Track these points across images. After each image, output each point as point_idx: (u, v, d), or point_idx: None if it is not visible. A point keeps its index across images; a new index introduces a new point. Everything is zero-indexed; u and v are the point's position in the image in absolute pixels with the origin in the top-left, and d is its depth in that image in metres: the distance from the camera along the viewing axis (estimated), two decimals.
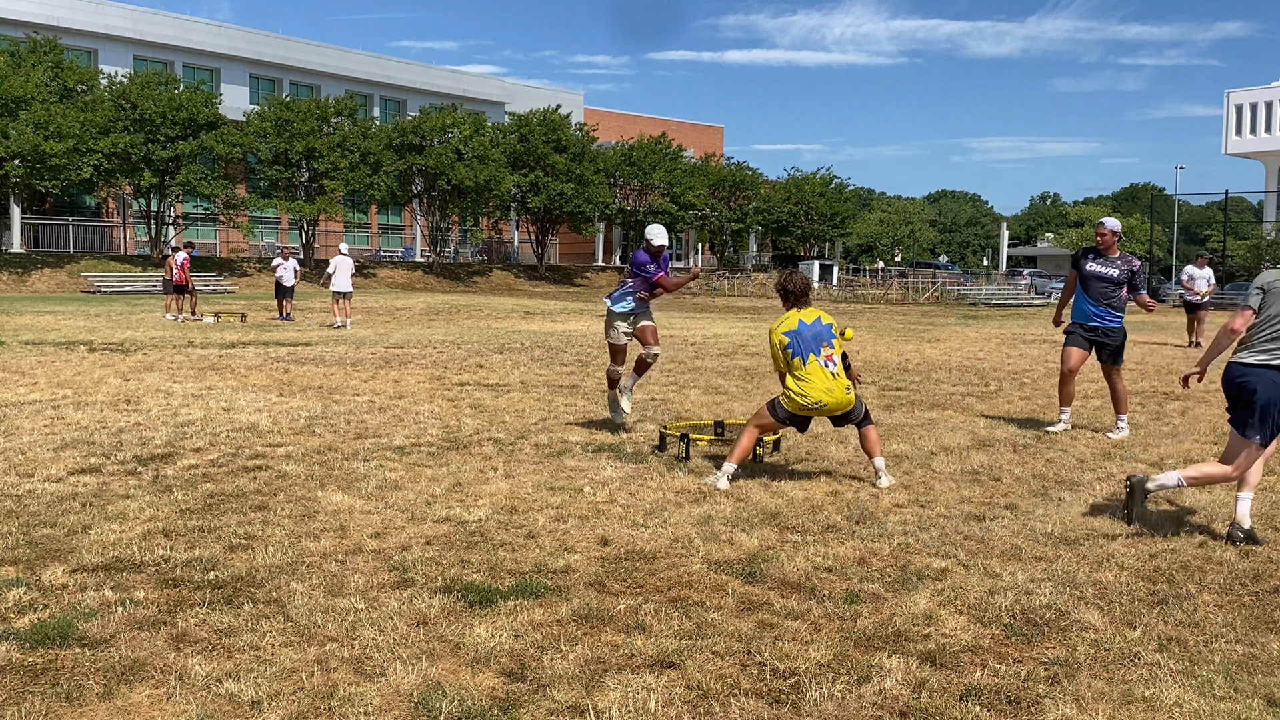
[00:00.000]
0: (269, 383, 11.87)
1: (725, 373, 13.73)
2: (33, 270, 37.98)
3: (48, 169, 37.44)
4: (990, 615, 4.47)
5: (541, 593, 4.67)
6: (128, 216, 46.79)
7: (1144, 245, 67.12)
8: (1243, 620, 4.47)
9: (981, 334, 23.12)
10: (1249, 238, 59.41)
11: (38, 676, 3.72)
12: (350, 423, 9.14)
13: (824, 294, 49.94)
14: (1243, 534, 5.58)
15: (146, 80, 41.61)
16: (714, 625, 4.31)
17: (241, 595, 4.58)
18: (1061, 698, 3.66)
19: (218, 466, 7.23)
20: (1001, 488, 6.96)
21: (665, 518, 6.00)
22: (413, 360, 14.66)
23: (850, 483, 7.02)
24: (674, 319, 27.40)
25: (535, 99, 60.77)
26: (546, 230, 53.65)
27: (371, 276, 46.19)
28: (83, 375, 12.25)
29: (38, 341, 16.68)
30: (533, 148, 50.34)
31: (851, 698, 3.65)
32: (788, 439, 8.58)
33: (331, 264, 22.49)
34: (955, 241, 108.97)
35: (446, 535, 5.58)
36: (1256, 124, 63.84)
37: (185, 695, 3.59)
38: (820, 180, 65.52)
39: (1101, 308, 9.23)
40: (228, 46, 54.81)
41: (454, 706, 3.52)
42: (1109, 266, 9.20)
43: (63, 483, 6.65)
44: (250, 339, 18.06)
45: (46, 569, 4.89)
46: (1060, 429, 9.29)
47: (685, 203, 56.19)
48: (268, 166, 44.86)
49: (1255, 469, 5.73)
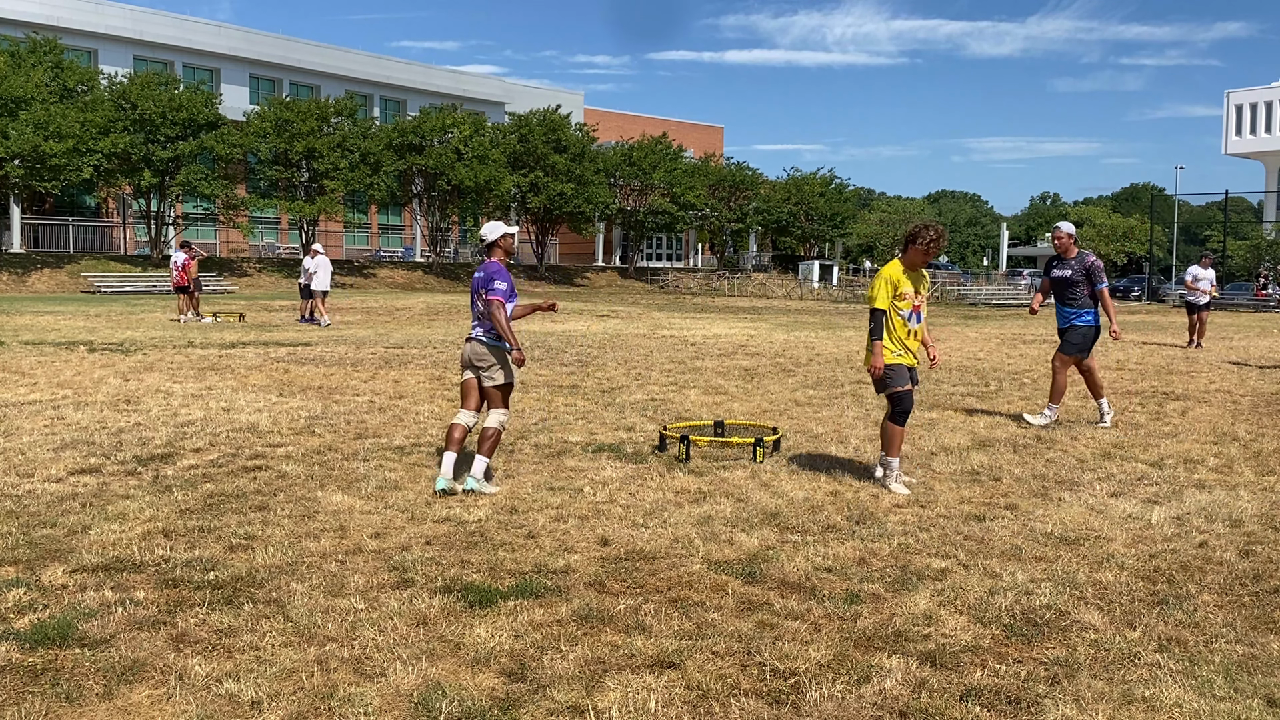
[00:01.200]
0: (269, 383, 11.86)
1: (725, 373, 13.73)
2: (33, 270, 37.97)
3: (48, 169, 37.42)
4: (990, 615, 4.47)
5: (541, 593, 4.67)
6: (128, 217, 46.79)
7: (1144, 245, 67.11)
8: (1243, 620, 4.47)
9: (981, 334, 23.12)
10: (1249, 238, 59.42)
11: (38, 676, 3.72)
12: (350, 423, 9.14)
13: (824, 294, 49.94)
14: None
15: (146, 80, 41.59)
16: (714, 625, 4.31)
17: (241, 595, 4.58)
18: (1061, 698, 3.66)
19: (218, 466, 7.23)
20: (1001, 488, 6.96)
21: (665, 518, 6.00)
22: (413, 360, 14.66)
23: (850, 483, 7.02)
24: (674, 319, 27.40)
25: (535, 99, 60.78)
26: (546, 230, 53.65)
27: (371, 276, 46.20)
28: (83, 375, 12.25)
29: (38, 341, 16.68)
30: (533, 148, 50.34)
31: (851, 698, 3.65)
32: (787, 438, 8.58)
33: (312, 264, 22.77)
34: (955, 241, 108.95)
35: (446, 535, 5.58)
36: (1256, 124, 63.87)
37: (185, 695, 3.59)
38: (820, 180, 65.55)
39: (1069, 308, 9.73)
40: (227, 46, 54.79)
41: (454, 706, 3.52)
42: (1065, 268, 9.68)
43: (63, 483, 6.65)
44: (250, 339, 18.06)
45: (46, 569, 4.89)
46: (1041, 422, 9.52)
47: (685, 203, 56.19)
48: (268, 166, 44.85)
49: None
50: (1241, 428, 9.62)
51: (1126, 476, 7.43)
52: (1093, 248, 70.53)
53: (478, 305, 6.54)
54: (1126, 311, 37.90)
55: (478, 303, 6.53)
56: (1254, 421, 10.07)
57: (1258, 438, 9.11)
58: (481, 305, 6.50)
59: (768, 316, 30.28)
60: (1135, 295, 57.83)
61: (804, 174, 66.25)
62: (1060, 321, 9.87)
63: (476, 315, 6.58)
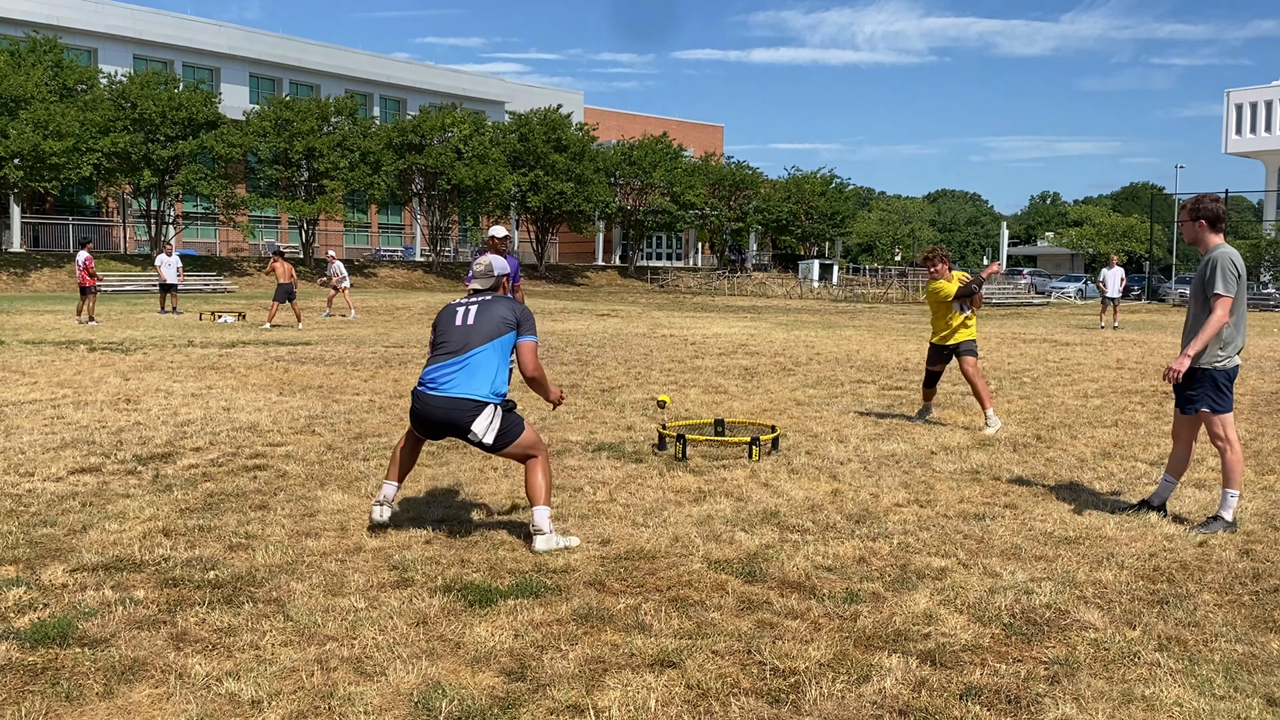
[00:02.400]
0: (269, 382, 11.86)
1: (725, 372, 13.73)
2: (32, 270, 37.98)
3: (47, 168, 37.44)
4: (990, 615, 4.47)
5: (541, 592, 4.67)
6: (128, 216, 46.80)
7: (1144, 245, 67.10)
8: (1243, 620, 4.47)
9: (981, 334, 23.12)
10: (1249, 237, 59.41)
11: (38, 676, 3.72)
12: (350, 422, 9.14)
13: (824, 293, 49.94)
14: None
15: (146, 80, 41.59)
16: (714, 625, 4.31)
17: (241, 595, 4.58)
18: (1061, 697, 3.66)
19: (218, 466, 7.24)
20: (1001, 487, 6.96)
21: (665, 517, 6.00)
22: (413, 360, 14.66)
23: (850, 482, 7.02)
24: (674, 318, 27.40)
25: (535, 98, 60.78)
26: (546, 230, 53.64)
27: (371, 276, 46.20)
28: (83, 375, 12.25)
29: (38, 341, 16.68)
30: (533, 147, 50.33)
31: (851, 697, 3.65)
32: (787, 438, 8.58)
33: (338, 268, 22.94)
34: (955, 241, 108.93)
35: (446, 535, 5.58)
36: (1256, 123, 63.83)
37: (185, 695, 3.59)
38: (820, 179, 65.54)
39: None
40: (227, 46, 54.81)
41: (454, 706, 3.52)
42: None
43: (63, 482, 6.65)
44: (250, 339, 18.06)
45: (46, 568, 4.89)
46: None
47: (685, 202, 56.19)
48: (268, 166, 44.87)
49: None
50: (1241, 427, 9.62)
51: (1126, 476, 7.43)
52: (1093, 247, 70.54)
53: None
54: (1127, 311, 37.92)
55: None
56: (1253, 421, 10.07)
57: (1257, 437, 9.11)
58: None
59: (768, 316, 30.28)
60: (1135, 294, 57.84)
61: (804, 173, 66.27)
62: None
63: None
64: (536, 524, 5.30)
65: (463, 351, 5.32)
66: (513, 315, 5.43)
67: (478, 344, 5.33)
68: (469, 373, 5.29)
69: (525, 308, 5.58)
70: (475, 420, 5.24)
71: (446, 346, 5.38)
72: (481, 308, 5.46)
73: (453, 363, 5.32)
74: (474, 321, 5.39)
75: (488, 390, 5.29)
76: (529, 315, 5.52)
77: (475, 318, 5.41)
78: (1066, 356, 17.16)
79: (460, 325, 5.40)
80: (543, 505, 5.33)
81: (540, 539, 5.26)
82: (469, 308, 5.48)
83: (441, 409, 5.27)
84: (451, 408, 5.25)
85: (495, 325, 5.38)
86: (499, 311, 5.42)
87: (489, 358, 5.32)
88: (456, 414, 5.25)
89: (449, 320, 5.48)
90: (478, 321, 5.39)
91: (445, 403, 5.26)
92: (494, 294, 5.61)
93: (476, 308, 5.46)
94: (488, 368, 5.31)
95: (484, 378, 5.29)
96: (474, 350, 5.32)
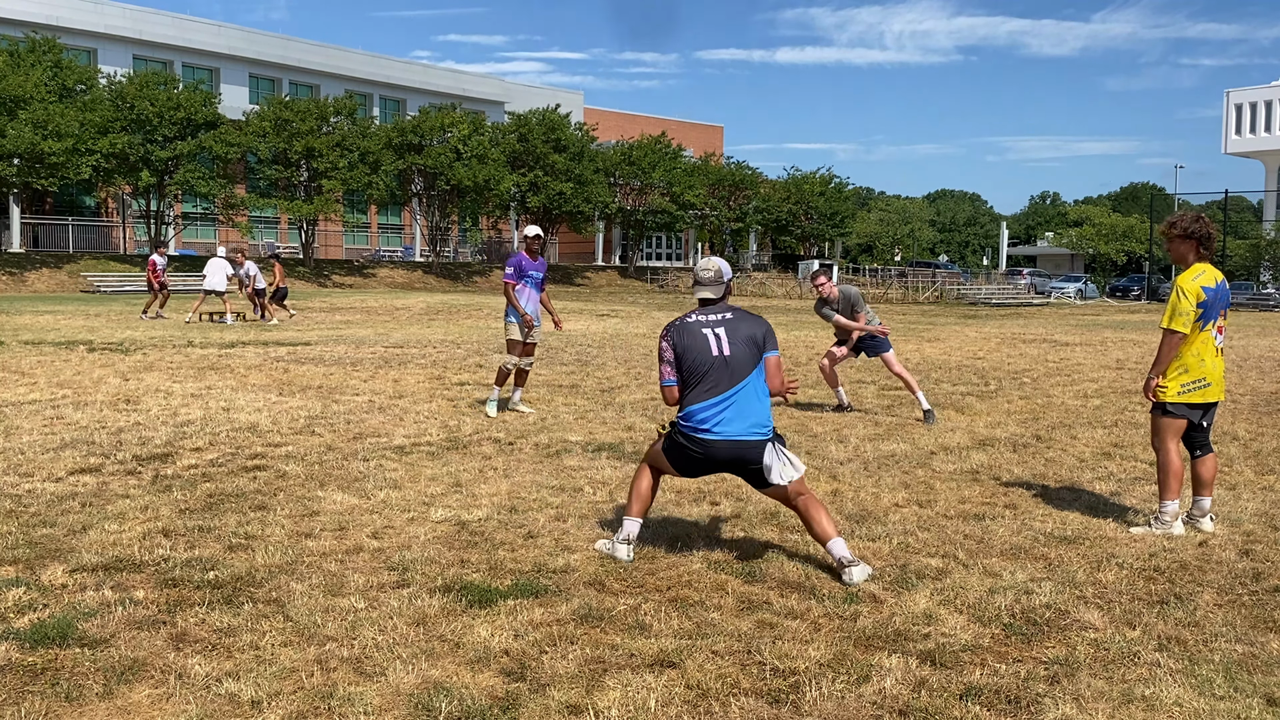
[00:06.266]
0: (269, 382, 11.86)
1: None
2: (32, 270, 37.96)
3: (46, 168, 37.43)
4: (990, 615, 4.47)
5: (541, 592, 4.67)
6: (127, 216, 46.77)
7: (1144, 245, 67.10)
8: (1243, 620, 4.47)
9: (981, 333, 23.12)
10: (1249, 237, 59.44)
11: (38, 676, 3.72)
12: (350, 422, 9.14)
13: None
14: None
15: (145, 80, 41.58)
16: (714, 625, 4.31)
17: (241, 595, 4.58)
18: (1061, 697, 3.66)
19: (217, 466, 7.23)
20: (1001, 488, 6.96)
21: (665, 517, 6.00)
22: (412, 360, 14.66)
23: (850, 482, 7.02)
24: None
25: (535, 99, 60.76)
26: (546, 230, 53.63)
27: (371, 276, 46.19)
28: (82, 375, 12.24)
29: (37, 341, 16.67)
30: (532, 147, 50.33)
31: (851, 697, 3.65)
32: (786, 438, 8.57)
33: (250, 268, 23.48)
34: (955, 241, 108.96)
35: (446, 535, 5.58)
36: (1256, 123, 63.86)
37: (185, 695, 3.59)
38: (820, 180, 65.55)
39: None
40: (227, 46, 54.79)
41: (454, 706, 3.51)
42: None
43: (62, 483, 6.65)
44: (250, 339, 18.05)
45: (46, 569, 4.89)
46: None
47: (685, 202, 56.18)
48: (267, 166, 44.84)
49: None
50: (1241, 427, 9.62)
51: (1126, 476, 7.43)
52: (1093, 247, 70.52)
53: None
54: (1126, 311, 37.92)
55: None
56: (1253, 421, 10.07)
57: (1257, 437, 9.11)
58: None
59: (767, 316, 30.28)
60: (1135, 294, 57.85)
61: (803, 173, 66.29)
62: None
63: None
64: (841, 557, 4.96)
65: (729, 388, 5.05)
66: (760, 333, 5.17)
67: (741, 378, 5.07)
68: (738, 409, 5.05)
69: (764, 320, 5.30)
70: (763, 458, 5.06)
71: (710, 382, 5.06)
72: (729, 330, 5.14)
73: (720, 402, 5.05)
74: (729, 351, 5.09)
75: (765, 424, 5.10)
76: (769, 328, 5.26)
77: (730, 346, 5.10)
78: (1066, 356, 17.16)
79: (718, 356, 5.09)
80: (838, 537, 5.05)
81: (857, 569, 4.90)
82: (716, 331, 5.14)
83: (724, 451, 5.07)
84: (734, 447, 5.06)
85: (751, 353, 5.11)
86: (747, 332, 5.14)
87: (754, 389, 5.11)
88: (741, 451, 5.06)
89: (702, 348, 5.12)
90: (734, 351, 5.09)
91: (728, 447, 5.06)
92: (726, 303, 5.32)
93: (725, 330, 5.14)
94: (758, 399, 5.10)
95: (757, 409, 5.09)
96: (739, 386, 5.08)
